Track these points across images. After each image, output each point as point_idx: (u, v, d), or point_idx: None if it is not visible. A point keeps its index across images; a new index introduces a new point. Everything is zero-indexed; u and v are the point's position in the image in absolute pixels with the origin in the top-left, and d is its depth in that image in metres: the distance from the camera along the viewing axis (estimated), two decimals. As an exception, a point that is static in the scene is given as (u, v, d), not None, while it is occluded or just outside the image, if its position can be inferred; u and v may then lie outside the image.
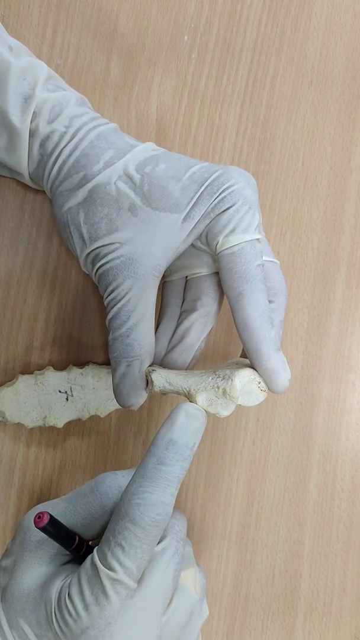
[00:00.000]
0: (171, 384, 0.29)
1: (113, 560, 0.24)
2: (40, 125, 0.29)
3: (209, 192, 0.29)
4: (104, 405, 0.35)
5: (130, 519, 0.24)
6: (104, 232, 0.29)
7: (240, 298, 0.28)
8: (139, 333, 0.29)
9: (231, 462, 0.38)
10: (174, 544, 0.27)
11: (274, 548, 0.39)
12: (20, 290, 0.36)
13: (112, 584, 0.24)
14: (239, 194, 0.29)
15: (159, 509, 0.24)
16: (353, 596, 0.39)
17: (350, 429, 0.40)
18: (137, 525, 0.24)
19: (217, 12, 0.38)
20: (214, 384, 0.27)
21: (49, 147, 0.30)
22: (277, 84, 0.39)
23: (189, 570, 0.28)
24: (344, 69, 0.40)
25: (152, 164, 0.30)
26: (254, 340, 0.28)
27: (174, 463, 0.25)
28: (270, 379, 0.28)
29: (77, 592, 0.24)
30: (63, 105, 0.30)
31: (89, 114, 0.31)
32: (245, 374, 0.28)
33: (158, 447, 0.25)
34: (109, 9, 0.37)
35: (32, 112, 0.29)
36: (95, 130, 0.30)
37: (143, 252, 0.29)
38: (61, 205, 0.30)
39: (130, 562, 0.24)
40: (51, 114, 0.30)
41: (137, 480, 0.25)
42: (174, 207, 0.29)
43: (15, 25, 0.35)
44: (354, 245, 0.40)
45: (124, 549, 0.24)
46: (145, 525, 0.24)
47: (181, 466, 0.25)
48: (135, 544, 0.24)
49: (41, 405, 0.34)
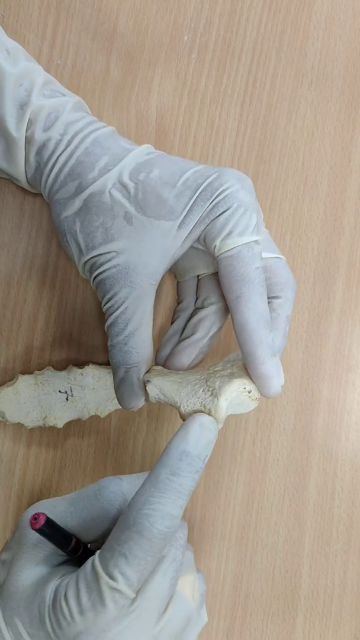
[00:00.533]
0: (165, 395, 0.29)
1: (115, 570, 0.23)
2: (35, 133, 0.29)
3: (203, 198, 0.29)
4: (104, 405, 0.35)
5: (137, 530, 0.24)
6: (99, 242, 0.29)
7: (238, 301, 0.28)
8: (137, 341, 0.30)
9: (231, 462, 0.38)
10: (172, 551, 0.27)
11: (274, 548, 0.39)
12: (20, 290, 0.36)
13: (111, 593, 0.23)
14: (234, 197, 0.29)
15: (168, 521, 0.24)
16: (353, 596, 0.39)
17: (350, 429, 0.40)
18: (144, 537, 0.23)
19: (217, 12, 0.38)
20: (202, 400, 0.27)
21: (45, 155, 0.30)
22: (277, 84, 0.39)
23: (188, 577, 0.28)
24: (344, 69, 0.40)
25: (146, 170, 0.30)
26: (249, 343, 0.28)
27: (186, 475, 0.24)
28: (262, 385, 0.28)
29: (74, 595, 0.24)
30: (59, 112, 0.30)
31: (85, 119, 0.31)
32: (233, 388, 0.27)
33: (171, 457, 0.25)
34: (109, 9, 0.37)
35: (27, 120, 0.29)
36: (91, 136, 0.30)
37: (139, 261, 0.29)
38: (58, 213, 0.30)
39: (133, 573, 0.23)
40: (47, 122, 0.30)
41: (148, 489, 0.24)
42: (168, 214, 0.29)
43: (15, 25, 0.35)
44: (354, 245, 0.40)
45: (128, 559, 0.23)
46: (153, 538, 0.23)
47: (193, 478, 0.25)
48: (139, 555, 0.23)
49: (41, 405, 0.34)
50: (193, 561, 0.30)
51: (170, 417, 0.38)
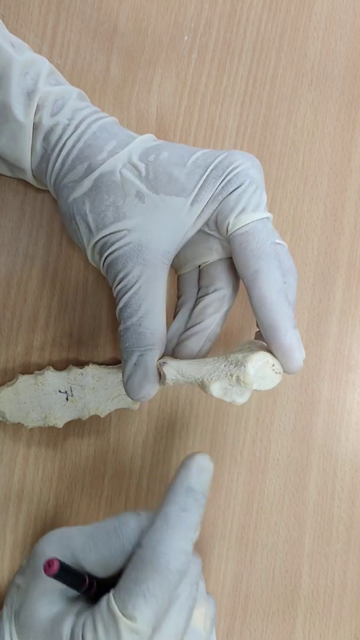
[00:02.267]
0: (183, 375, 0.28)
1: (135, 611, 0.23)
2: (43, 118, 0.29)
3: (215, 176, 0.29)
4: (104, 405, 0.35)
5: (155, 568, 0.24)
6: (110, 220, 0.29)
7: (256, 275, 0.28)
8: (151, 321, 0.29)
9: (231, 462, 0.38)
10: (187, 588, 0.26)
11: (274, 548, 0.39)
12: (20, 290, 0.36)
13: (129, 634, 0.23)
14: (246, 174, 0.29)
15: (182, 557, 0.24)
16: (353, 596, 0.39)
17: (350, 429, 0.40)
18: (162, 575, 0.24)
19: (217, 12, 0.38)
20: (227, 371, 0.27)
21: (52, 139, 0.30)
22: (277, 84, 0.39)
23: (201, 610, 0.28)
24: (344, 69, 0.40)
25: (155, 152, 0.30)
26: (271, 316, 0.28)
27: (194, 510, 0.25)
28: (286, 357, 0.28)
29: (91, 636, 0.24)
30: (65, 99, 0.30)
31: (90, 107, 0.31)
32: (258, 357, 0.27)
33: (178, 493, 0.25)
34: (109, 9, 0.37)
35: (35, 106, 0.29)
36: (97, 123, 0.30)
37: (151, 239, 0.29)
38: (66, 197, 0.30)
39: (151, 612, 0.24)
40: (54, 107, 0.30)
41: (160, 526, 0.25)
42: (180, 191, 0.29)
43: (15, 25, 0.35)
44: (354, 245, 0.40)
45: (146, 599, 0.23)
46: (169, 575, 0.24)
47: (199, 513, 0.25)
48: (157, 594, 0.24)
49: (41, 405, 0.34)
50: (204, 590, 0.30)
51: (170, 417, 0.38)
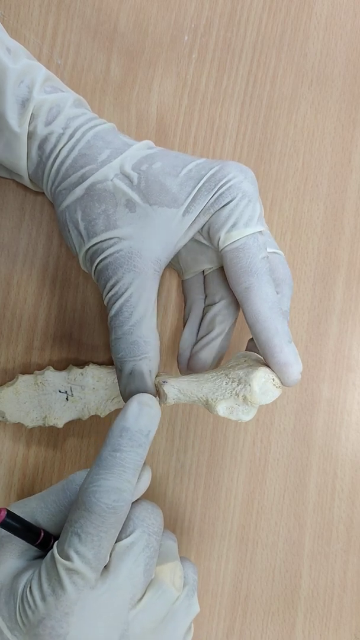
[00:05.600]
0: (185, 394, 0.28)
1: (70, 550, 0.24)
2: (38, 127, 0.29)
3: (207, 188, 0.29)
4: (104, 405, 0.35)
5: (86, 507, 0.24)
6: (101, 228, 0.29)
7: (247, 292, 0.28)
8: (143, 330, 0.29)
9: (231, 462, 0.38)
10: (144, 537, 0.26)
11: (274, 548, 0.39)
12: (20, 290, 0.36)
13: (68, 574, 0.24)
14: (237, 188, 0.29)
15: (114, 495, 0.24)
16: (353, 596, 0.39)
17: (350, 429, 0.40)
18: (93, 513, 0.24)
19: (217, 12, 0.38)
20: (231, 390, 0.27)
21: (47, 148, 0.30)
22: (277, 84, 0.39)
23: (167, 565, 0.28)
24: (344, 69, 0.40)
25: (149, 162, 0.30)
26: (265, 333, 0.28)
27: (128, 449, 0.25)
28: (283, 372, 0.28)
29: (36, 584, 0.24)
30: (60, 107, 0.30)
31: (86, 114, 0.31)
32: (261, 375, 0.27)
33: (112, 436, 0.25)
34: (109, 9, 0.37)
35: (29, 115, 0.29)
36: (92, 131, 0.30)
37: (142, 247, 0.29)
38: (60, 203, 0.30)
39: (87, 550, 0.24)
40: (48, 116, 0.30)
41: (93, 469, 0.25)
42: (172, 202, 0.29)
43: (16, 25, 0.35)
44: (354, 245, 0.40)
45: (80, 537, 0.24)
46: (101, 512, 0.24)
47: (136, 452, 0.25)
48: (91, 532, 0.24)
49: (41, 405, 0.34)
50: (175, 550, 0.29)
51: (170, 417, 0.38)
